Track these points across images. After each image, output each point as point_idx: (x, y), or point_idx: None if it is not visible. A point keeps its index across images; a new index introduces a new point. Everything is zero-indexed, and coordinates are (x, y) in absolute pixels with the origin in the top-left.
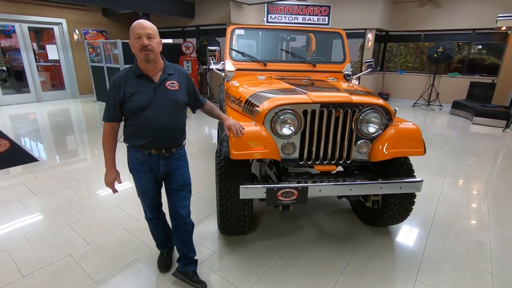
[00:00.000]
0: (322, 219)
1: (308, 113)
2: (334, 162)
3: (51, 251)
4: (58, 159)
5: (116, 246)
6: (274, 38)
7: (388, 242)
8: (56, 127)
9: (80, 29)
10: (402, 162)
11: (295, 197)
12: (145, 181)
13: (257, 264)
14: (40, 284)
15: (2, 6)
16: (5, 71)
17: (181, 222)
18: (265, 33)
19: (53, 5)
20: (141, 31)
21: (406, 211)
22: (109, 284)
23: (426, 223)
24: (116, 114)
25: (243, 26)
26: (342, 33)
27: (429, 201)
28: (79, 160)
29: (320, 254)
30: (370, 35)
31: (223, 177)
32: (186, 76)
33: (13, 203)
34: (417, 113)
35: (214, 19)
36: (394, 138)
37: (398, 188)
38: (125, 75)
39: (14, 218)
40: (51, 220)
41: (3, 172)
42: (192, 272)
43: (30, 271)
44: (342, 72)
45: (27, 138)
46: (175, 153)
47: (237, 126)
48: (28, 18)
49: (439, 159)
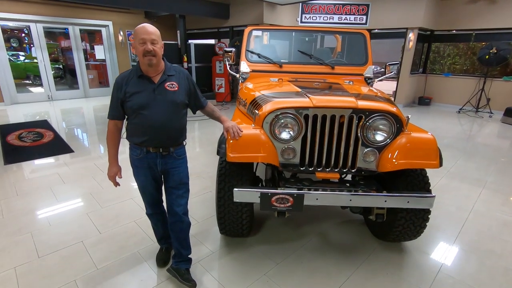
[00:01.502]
0: (330, 228)
1: (310, 118)
2: (337, 170)
3: (67, 237)
4: (91, 151)
5: (124, 237)
6: (292, 39)
7: (397, 258)
8: (97, 122)
9: (125, 30)
10: (417, 174)
11: (290, 204)
12: (143, 177)
13: (252, 268)
14: (50, 266)
15: (58, 10)
16: (61, 69)
17: (177, 219)
18: (283, 34)
19: (101, 9)
20: (146, 36)
21: (418, 227)
22: (109, 272)
23: (446, 243)
24: (118, 112)
25: (260, 28)
26: (365, 33)
27: (455, 219)
28: None
29: (320, 265)
30: (412, 34)
31: (222, 178)
32: (187, 77)
33: (44, 190)
34: (462, 120)
35: (248, 19)
36: (405, 148)
37: (406, 203)
38: (128, 75)
39: (42, 204)
40: (72, 207)
41: (43, 161)
42: (184, 270)
43: (45, 253)
44: (363, 75)
45: (70, 131)
46: (173, 152)
47: (235, 128)
48: (80, 21)
49: (478, 172)
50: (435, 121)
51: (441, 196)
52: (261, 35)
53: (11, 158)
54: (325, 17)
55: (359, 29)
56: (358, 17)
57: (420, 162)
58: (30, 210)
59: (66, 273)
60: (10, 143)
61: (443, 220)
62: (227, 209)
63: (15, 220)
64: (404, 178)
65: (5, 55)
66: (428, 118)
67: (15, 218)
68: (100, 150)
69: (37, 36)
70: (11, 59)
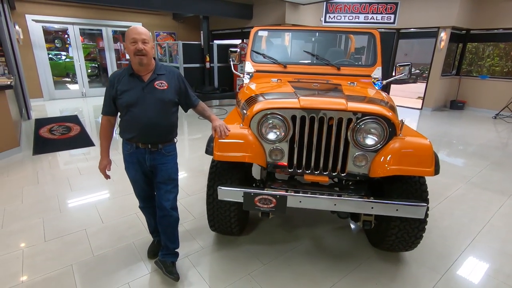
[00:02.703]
0: (325, 232)
1: (297, 119)
2: (326, 173)
3: (73, 224)
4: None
5: (123, 228)
6: (301, 40)
7: (391, 269)
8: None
9: (153, 31)
10: (415, 182)
11: (273, 205)
12: (134, 172)
13: (238, 267)
14: (53, 250)
15: (93, 13)
16: (97, 68)
17: (165, 214)
18: (291, 34)
19: (132, 11)
20: (137, 36)
21: (413, 238)
22: (103, 260)
23: (449, 257)
24: (111, 108)
25: (266, 28)
26: (375, 33)
27: (466, 231)
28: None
29: (307, 269)
30: (444, 34)
31: (212, 176)
32: (178, 77)
33: (62, 180)
34: (499, 126)
35: (270, 20)
36: (398, 153)
37: (394, 211)
38: (120, 74)
39: (57, 192)
40: (83, 197)
41: (65, 153)
42: (170, 263)
43: (51, 238)
44: (371, 76)
45: (96, 125)
46: (161, 148)
47: (222, 127)
48: (112, 22)
49: (504, 183)
50: (466, 127)
51: (455, 206)
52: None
53: (40, 149)
54: (350, 17)
55: (368, 28)
56: (386, 16)
57: (413, 169)
58: (46, 198)
59: (65, 258)
60: (41, 135)
61: (452, 231)
62: (216, 207)
63: (32, 206)
64: (400, 185)
65: (46, 54)
66: (459, 124)
67: (32, 205)
68: (119, 145)
69: (74, 37)
70: (54, 58)
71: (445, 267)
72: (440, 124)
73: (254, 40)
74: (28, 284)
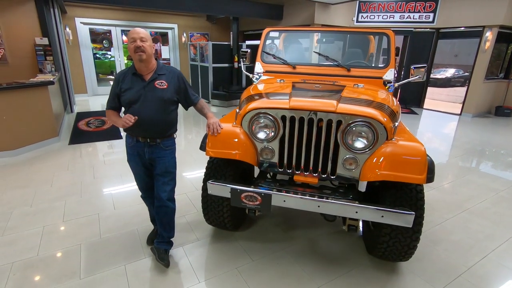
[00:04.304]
0: (322, 235)
1: (287, 119)
2: (316, 174)
3: (89, 208)
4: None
5: (131, 215)
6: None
7: (381, 278)
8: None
9: (188, 32)
10: (411, 189)
11: (258, 203)
12: (134, 163)
13: (227, 261)
14: (67, 230)
15: (133, 15)
16: None
17: (161, 204)
18: (301, 35)
19: (168, 13)
20: (135, 35)
21: (406, 247)
22: (107, 242)
23: (451, 271)
24: (115, 104)
25: (278, 29)
26: (390, 33)
27: (478, 247)
28: None
29: (295, 269)
30: (490, 34)
31: (208, 172)
32: (178, 77)
33: (87, 168)
34: None
35: (299, 20)
36: (389, 158)
37: (380, 217)
38: (125, 73)
39: (81, 179)
40: (102, 185)
41: (96, 144)
42: (163, 250)
43: (69, 219)
44: (382, 78)
45: None
46: (159, 143)
47: (215, 125)
48: (151, 24)
49: None
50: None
51: (474, 219)
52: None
53: (75, 140)
54: (384, 16)
55: (382, 28)
56: (424, 15)
57: (403, 175)
58: (71, 183)
59: (76, 237)
60: (79, 127)
61: (463, 246)
62: (210, 201)
63: (58, 190)
64: (394, 192)
65: (91, 54)
66: (504, 132)
67: (59, 188)
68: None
69: (116, 37)
70: (100, 57)
71: (444, 282)
72: (479, 132)
73: (265, 41)
74: (41, 257)
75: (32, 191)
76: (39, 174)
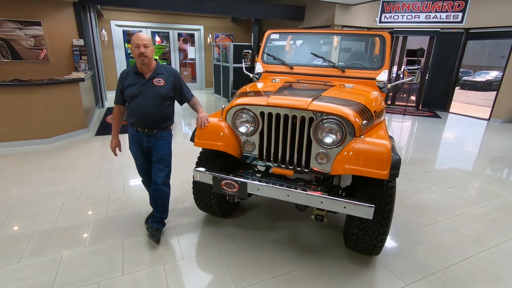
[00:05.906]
0: (307, 227)
1: (265, 115)
2: (292, 167)
3: (101, 190)
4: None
5: (137, 198)
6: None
7: (352, 269)
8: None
9: (213, 33)
10: (382, 185)
11: (236, 190)
12: (134, 151)
13: (212, 243)
14: (80, 207)
15: (162, 18)
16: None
17: (156, 188)
18: (300, 37)
19: (194, 15)
20: (139, 42)
21: (374, 240)
22: (112, 220)
23: (425, 269)
24: (120, 99)
25: (278, 31)
26: (385, 35)
27: (461, 249)
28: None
29: (272, 255)
30: None
31: (199, 161)
32: (175, 76)
33: (106, 156)
34: None
35: (320, 21)
36: (356, 153)
37: (342, 208)
38: (128, 71)
39: (100, 166)
40: (117, 172)
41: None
42: (155, 228)
43: (83, 199)
44: (375, 79)
45: None
46: (156, 133)
47: (203, 119)
48: (178, 26)
49: None
50: None
51: (467, 224)
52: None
53: (101, 131)
54: (408, 16)
55: (379, 30)
56: (452, 14)
57: (367, 170)
58: (91, 169)
59: (87, 214)
60: (106, 120)
61: (445, 247)
62: (199, 188)
63: (79, 174)
64: (366, 187)
65: (123, 53)
66: None
67: (80, 173)
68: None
69: None
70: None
71: (414, 278)
72: (506, 138)
73: (266, 42)
74: (57, 228)
75: (58, 174)
76: (66, 160)
